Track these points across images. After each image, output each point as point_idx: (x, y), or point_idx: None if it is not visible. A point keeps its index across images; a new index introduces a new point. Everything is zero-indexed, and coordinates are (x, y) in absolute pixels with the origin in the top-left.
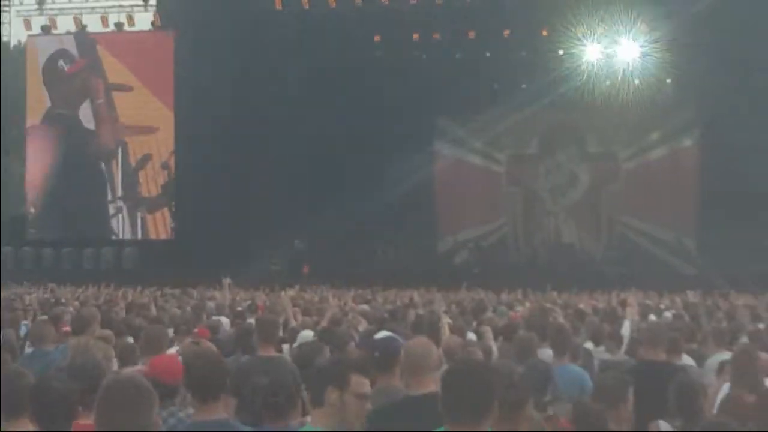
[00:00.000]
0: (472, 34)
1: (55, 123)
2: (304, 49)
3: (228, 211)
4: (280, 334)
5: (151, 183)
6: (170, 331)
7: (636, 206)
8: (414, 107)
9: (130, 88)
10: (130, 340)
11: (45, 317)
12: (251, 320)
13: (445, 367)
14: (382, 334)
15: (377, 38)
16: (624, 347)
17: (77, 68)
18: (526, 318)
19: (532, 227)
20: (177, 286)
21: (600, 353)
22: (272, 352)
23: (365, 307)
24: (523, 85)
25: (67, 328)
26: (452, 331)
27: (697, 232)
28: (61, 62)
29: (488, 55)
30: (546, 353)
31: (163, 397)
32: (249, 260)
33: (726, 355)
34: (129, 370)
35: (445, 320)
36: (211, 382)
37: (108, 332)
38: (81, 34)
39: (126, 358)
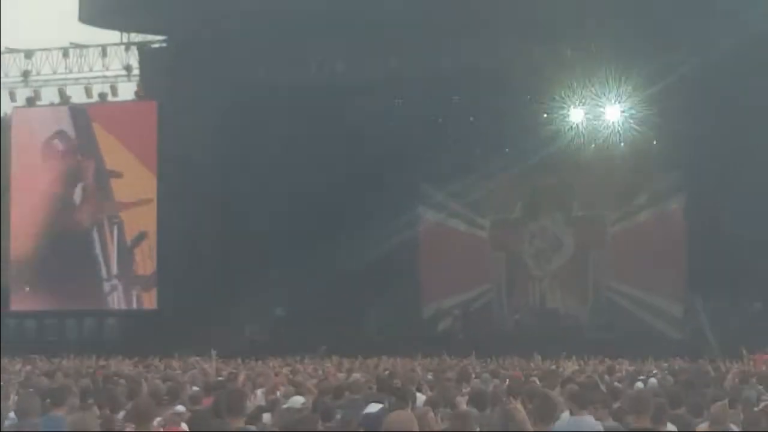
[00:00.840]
0: (455, 98)
1: (47, 199)
2: (287, 117)
3: (211, 281)
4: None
5: (147, 261)
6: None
7: (622, 270)
8: (397, 173)
9: (119, 174)
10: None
11: (30, 389)
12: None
13: None
14: (373, 407)
15: (359, 104)
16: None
17: (72, 147)
18: (510, 386)
19: (516, 293)
20: (160, 357)
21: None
22: (241, 425)
23: (357, 375)
24: (507, 149)
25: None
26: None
27: (685, 296)
28: (56, 141)
29: (471, 119)
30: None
31: None
32: (230, 329)
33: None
34: None
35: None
36: None
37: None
38: (75, 107)
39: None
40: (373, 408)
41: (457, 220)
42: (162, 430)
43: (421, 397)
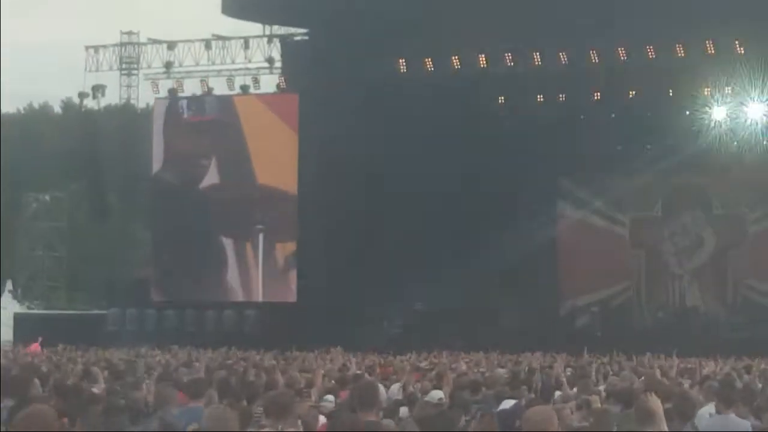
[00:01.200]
0: (597, 95)
1: (176, 182)
2: (426, 112)
3: (350, 275)
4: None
5: (279, 252)
6: None
7: (762, 269)
8: (537, 168)
9: (262, 164)
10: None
11: (169, 381)
12: None
13: None
14: (507, 403)
15: (501, 100)
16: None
17: (209, 119)
18: (647, 384)
19: (655, 291)
20: (298, 350)
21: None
22: (372, 418)
23: (501, 370)
24: (648, 146)
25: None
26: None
27: None
28: (187, 111)
29: (613, 116)
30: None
31: None
32: (367, 323)
33: None
34: None
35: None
36: None
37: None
38: (220, 96)
39: (245, 422)
40: (508, 404)
41: (597, 217)
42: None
43: (558, 394)
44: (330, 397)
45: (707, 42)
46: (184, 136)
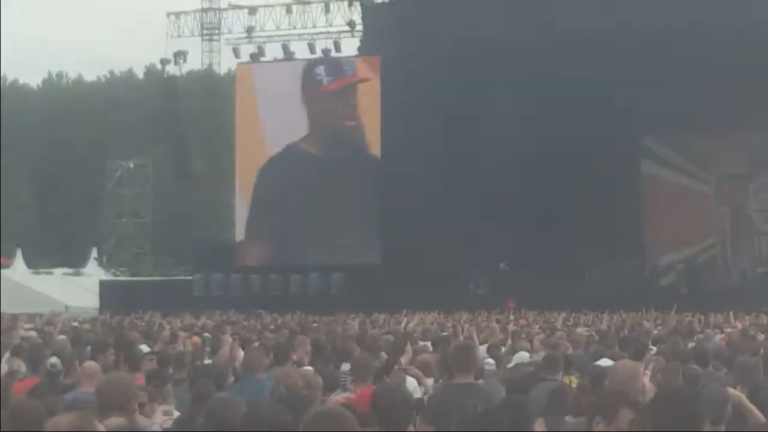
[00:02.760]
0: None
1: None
2: (508, 72)
3: (434, 235)
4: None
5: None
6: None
7: None
8: (620, 127)
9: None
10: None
11: (257, 344)
12: None
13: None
14: (604, 361)
15: (581, 59)
16: None
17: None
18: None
19: (741, 248)
20: (385, 312)
21: None
22: (470, 380)
23: (582, 329)
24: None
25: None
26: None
27: None
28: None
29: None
30: None
31: None
32: (453, 283)
33: None
34: (336, 398)
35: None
36: (397, 414)
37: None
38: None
39: (331, 385)
40: (606, 362)
41: (681, 176)
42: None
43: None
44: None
45: None
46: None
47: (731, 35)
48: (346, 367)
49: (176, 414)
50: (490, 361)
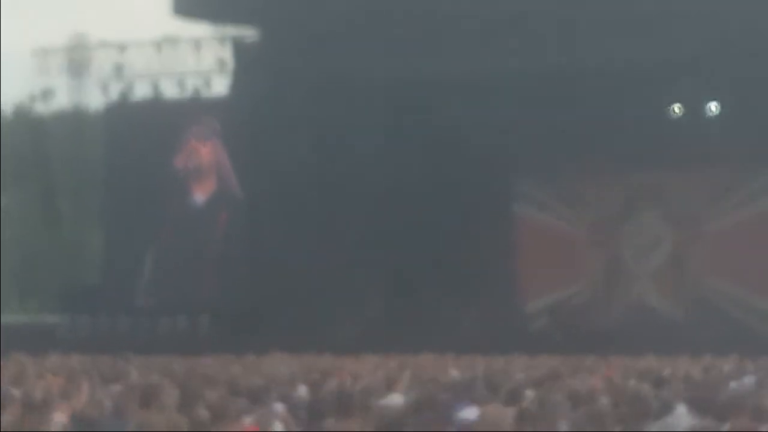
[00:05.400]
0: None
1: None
2: (382, 115)
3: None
4: None
5: None
6: None
7: (722, 269)
8: (493, 170)
9: None
10: None
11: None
12: None
13: None
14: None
15: (456, 102)
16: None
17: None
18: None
19: (614, 291)
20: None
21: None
22: None
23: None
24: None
25: None
26: None
27: None
28: None
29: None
30: None
31: None
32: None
33: None
34: None
35: None
36: None
37: None
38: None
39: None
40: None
41: (555, 218)
42: None
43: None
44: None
45: None
46: None
47: (603, 76)
48: None
49: None
50: None
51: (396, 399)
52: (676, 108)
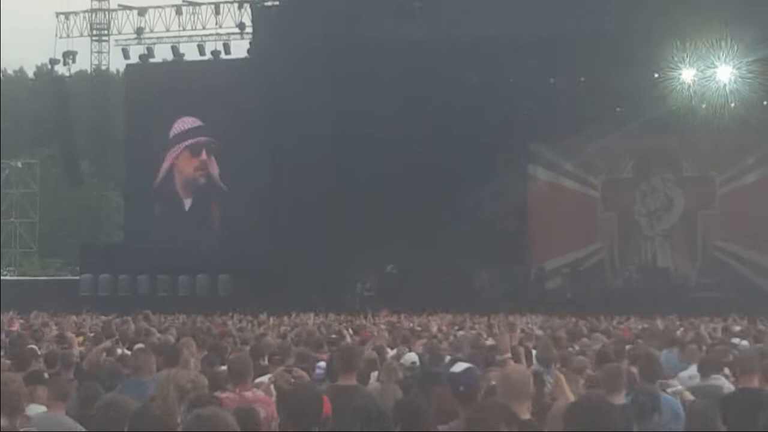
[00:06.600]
0: (566, 60)
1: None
2: (398, 76)
3: (322, 238)
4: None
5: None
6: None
7: (731, 230)
8: (508, 132)
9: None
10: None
11: (143, 346)
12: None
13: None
14: (460, 365)
15: (469, 63)
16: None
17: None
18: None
19: (627, 252)
20: (272, 313)
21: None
22: (353, 381)
23: (462, 332)
24: (618, 109)
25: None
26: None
27: None
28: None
29: (582, 80)
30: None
31: None
32: (341, 285)
33: None
34: (222, 395)
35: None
36: (308, 411)
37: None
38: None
39: (217, 386)
40: (459, 367)
41: (569, 179)
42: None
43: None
44: (322, 364)
45: (675, 5)
46: None
47: (617, 43)
48: None
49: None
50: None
51: (412, 358)
52: None
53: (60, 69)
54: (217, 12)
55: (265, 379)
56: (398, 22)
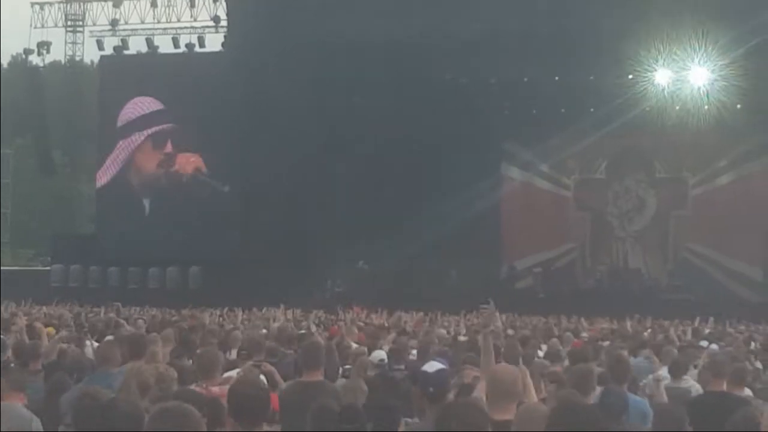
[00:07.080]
0: (541, 59)
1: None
2: (373, 74)
3: (292, 233)
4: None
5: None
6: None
7: (703, 233)
8: (481, 132)
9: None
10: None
11: (111, 338)
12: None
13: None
14: (432, 365)
15: (443, 61)
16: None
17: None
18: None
19: (599, 252)
20: (241, 307)
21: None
22: (317, 377)
23: (442, 331)
24: (591, 110)
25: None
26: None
27: (765, 260)
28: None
29: (557, 79)
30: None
31: None
32: (312, 281)
33: None
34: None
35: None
36: (253, 408)
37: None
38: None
39: (185, 380)
40: (432, 367)
41: (541, 180)
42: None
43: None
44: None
45: (650, 6)
46: None
47: (593, 44)
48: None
49: None
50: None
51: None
52: None
53: (34, 59)
54: (192, 5)
55: (233, 373)
56: (373, 20)
